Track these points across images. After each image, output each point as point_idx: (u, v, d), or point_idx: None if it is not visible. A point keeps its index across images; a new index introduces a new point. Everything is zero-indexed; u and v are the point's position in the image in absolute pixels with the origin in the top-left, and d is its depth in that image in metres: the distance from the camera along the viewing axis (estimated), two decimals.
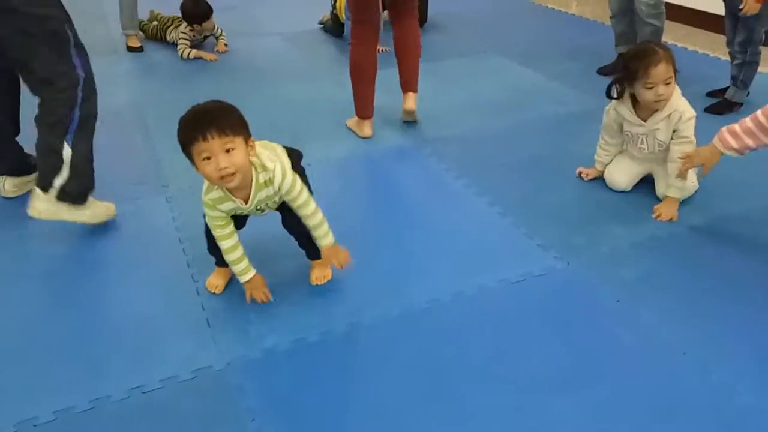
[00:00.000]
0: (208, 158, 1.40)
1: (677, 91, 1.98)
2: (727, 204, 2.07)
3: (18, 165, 2.23)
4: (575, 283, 1.73)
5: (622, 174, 2.14)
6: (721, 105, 2.75)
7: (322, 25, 4.09)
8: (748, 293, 1.67)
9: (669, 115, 1.97)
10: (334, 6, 3.88)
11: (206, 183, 1.53)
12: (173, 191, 2.26)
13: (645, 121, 2.01)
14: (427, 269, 1.80)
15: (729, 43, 2.71)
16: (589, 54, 3.53)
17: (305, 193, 1.57)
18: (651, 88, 1.91)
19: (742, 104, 2.71)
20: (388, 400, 1.38)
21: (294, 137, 2.47)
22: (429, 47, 3.78)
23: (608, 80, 2.09)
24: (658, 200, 2.08)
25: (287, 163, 1.60)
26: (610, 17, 3.23)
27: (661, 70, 1.88)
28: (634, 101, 2.02)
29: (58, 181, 1.91)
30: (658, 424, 1.31)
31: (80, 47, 1.91)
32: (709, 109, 2.72)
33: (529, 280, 1.75)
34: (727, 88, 2.78)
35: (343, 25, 3.92)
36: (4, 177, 2.23)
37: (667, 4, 3.00)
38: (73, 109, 1.90)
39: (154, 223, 2.08)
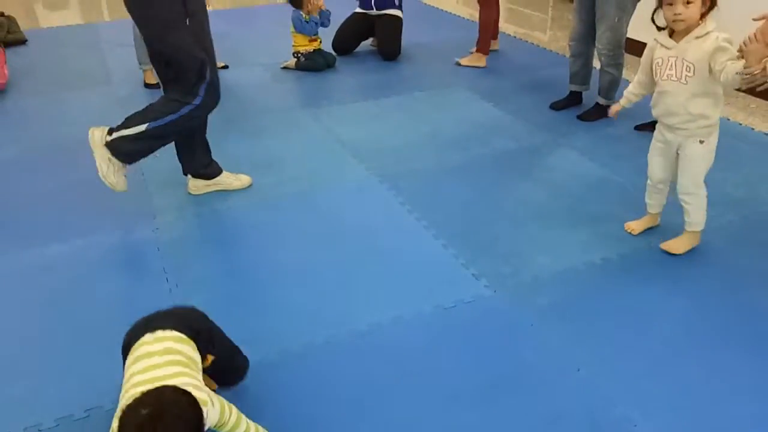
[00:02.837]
0: None
1: (711, 21, 2.01)
2: (641, 237, 2.38)
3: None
4: (498, 310, 2.03)
5: (657, 169, 2.31)
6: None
7: (287, 68, 4.28)
8: (643, 320, 1.97)
9: (699, 37, 2.01)
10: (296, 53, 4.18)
11: None
12: (160, 221, 2.55)
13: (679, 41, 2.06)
14: (370, 293, 2.10)
15: None
16: (549, 87, 3.84)
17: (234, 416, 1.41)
18: (670, 5, 1.99)
19: None
20: (327, 412, 1.67)
21: (274, 166, 2.77)
22: (400, 80, 4.11)
23: (559, 113, 2.38)
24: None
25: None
26: (569, 56, 3.53)
27: None
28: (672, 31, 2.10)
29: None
30: (543, 429, 1.61)
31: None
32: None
33: (459, 306, 2.04)
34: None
35: (324, 56, 4.22)
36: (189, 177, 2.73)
37: (627, 39, 3.28)
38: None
39: (139, 253, 2.37)
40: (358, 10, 4.54)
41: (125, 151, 2.43)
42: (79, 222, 2.54)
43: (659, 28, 2.14)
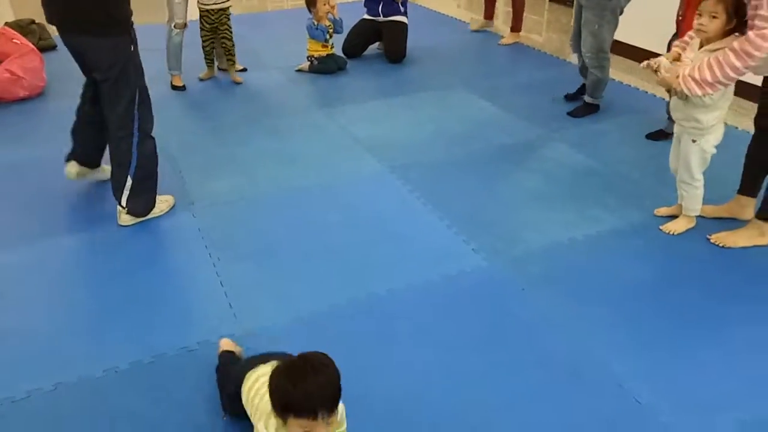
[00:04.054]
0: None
1: (734, 40, 2.18)
2: (619, 218, 2.74)
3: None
4: (494, 277, 2.40)
5: (671, 157, 2.64)
6: (657, 134, 3.42)
7: (301, 71, 4.63)
8: (615, 282, 2.34)
9: (714, 51, 2.23)
10: (310, 57, 4.53)
11: (272, 417, 1.45)
12: (198, 208, 2.91)
13: (699, 49, 2.32)
14: (386, 266, 2.46)
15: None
16: (544, 87, 4.20)
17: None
18: (699, 16, 2.24)
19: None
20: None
21: (297, 160, 3.14)
22: (406, 82, 4.47)
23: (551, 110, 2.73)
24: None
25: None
26: (573, 53, 3.87)
27: (708, 2, 2.20)
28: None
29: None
30: (532, 371, 1.96)
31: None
32: (650, 136, 3.43)
33: (461, 275, 2.40)
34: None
35: (336, 60, 4.58)
36: (72, 162, 2.92)
37: (614, 42, 3.61)
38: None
39: (183, 235, 2.73)
40: (366, 16, 4.89)
41: (139, 209, 2.74)
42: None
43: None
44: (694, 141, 2.47)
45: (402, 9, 4.80)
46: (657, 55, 2.54)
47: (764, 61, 2.21)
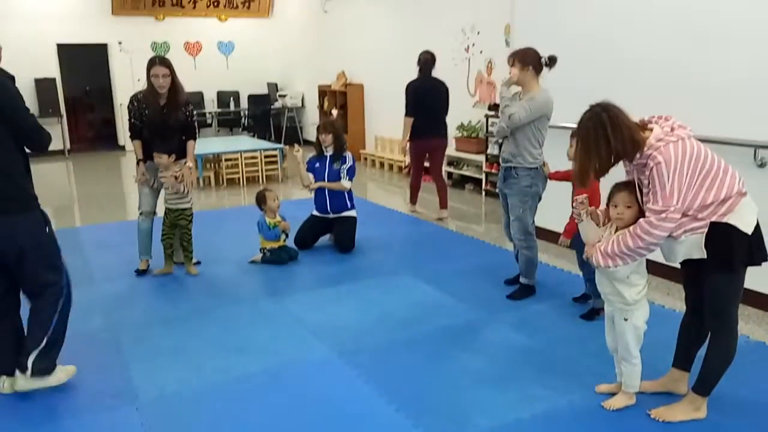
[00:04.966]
0: None
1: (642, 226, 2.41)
2: (563, 397, 2.81)
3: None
4: None
5: (607, 336, 2.77)
6: (590, 313, 3.64)
7: (254, 262, 4.83)
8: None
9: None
10: (263, 249, 4.78)
11: None
12: (142, 402, 2.85)
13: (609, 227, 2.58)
14: None
15: (580, 267, 3.68)
16: (484, 272, 4.47)
17: None
18: (615, 206, 2.52)
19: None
20: None
21: (246, 349, 3.15)
22: (354, 270, 4.68)
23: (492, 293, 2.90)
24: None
25: None
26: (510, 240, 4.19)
27: (622, 194, 2.50)
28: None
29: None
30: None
31: None
32: (584, 317, 3.65)
33: None
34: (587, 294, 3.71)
35: (288, 251, 4.80)
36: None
37: (542, 230, 3.97)
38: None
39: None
40: (316, 213, 5.23)
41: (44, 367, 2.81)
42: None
43: None
44: (626, 319, 2.65)
45: (349, 204, 5.17)
46: None
47: (669, 251, 2.51)
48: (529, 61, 3.64)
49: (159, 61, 4.19)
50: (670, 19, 4.01)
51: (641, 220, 2.43)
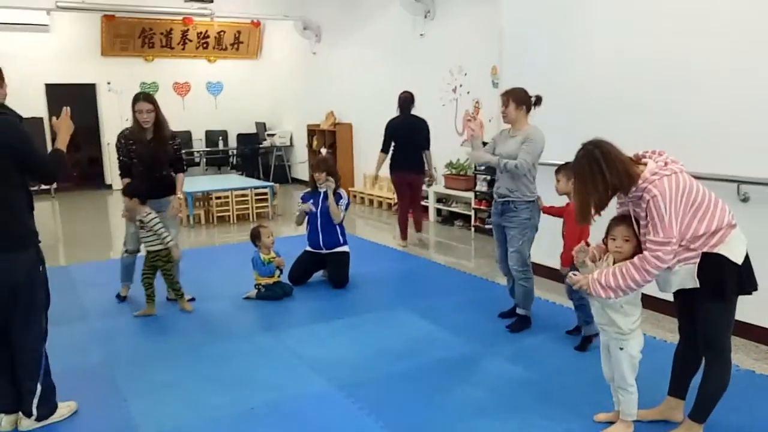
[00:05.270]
0: None
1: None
2: (563, 423, 2.84)
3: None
4: None
5: (603, 365, 2.82)
6: (583, 342, 3.69)
7: (249, 298, 4.83)
8: None
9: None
10: (257, 285, 4.80)
11: None
12: None
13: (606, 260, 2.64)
14: None
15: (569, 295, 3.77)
16: (477, 306, 4.52)
17: None
18: (613, 240, 2.61)
19: (596, 334, 3.38)
20: None
21: (244, 384, 3.15)
22: (349, 304, 4.71)
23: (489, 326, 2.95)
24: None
25: None
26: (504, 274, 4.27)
27: (620, 228, 2.58)
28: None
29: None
30: None
31: None
32: (578, 348, 3.70)
33: None
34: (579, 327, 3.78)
35: (282, 287, 4.83)
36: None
37: (535, 265, 4.05)
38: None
39: None
40: (309, 249, 5.27)
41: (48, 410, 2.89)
42: None
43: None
44: (621, 348, 2.71)
45: (342, 240, 5.23)
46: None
47: (664, 281, 2.59)
48: (523, 100, 3.82)
49: (143, 97, 4.41)
50: (653, 63, 4.19)
51: (645, 253, 2.50)
